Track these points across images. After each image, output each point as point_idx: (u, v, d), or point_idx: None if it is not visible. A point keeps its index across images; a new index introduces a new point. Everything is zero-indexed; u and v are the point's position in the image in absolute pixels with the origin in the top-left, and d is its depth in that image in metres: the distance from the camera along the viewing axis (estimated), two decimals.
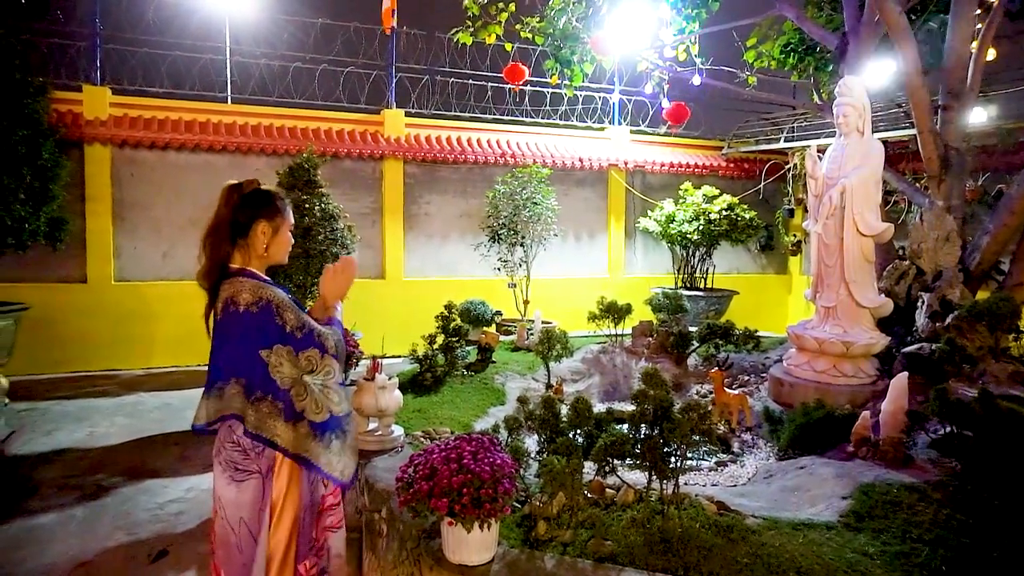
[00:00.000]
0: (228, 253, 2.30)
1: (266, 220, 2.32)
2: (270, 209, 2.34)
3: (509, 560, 2.45)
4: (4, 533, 3.83)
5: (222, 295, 2.24)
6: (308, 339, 2.25)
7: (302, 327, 2.25)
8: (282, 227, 2.37)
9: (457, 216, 10.02)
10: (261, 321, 2.19)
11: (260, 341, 2.19)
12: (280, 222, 2.36)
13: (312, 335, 2.26)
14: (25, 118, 6.23)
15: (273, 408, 2.20)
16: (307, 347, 2.24)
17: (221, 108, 8.92)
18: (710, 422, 2.54)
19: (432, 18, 9.66)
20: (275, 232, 2.34)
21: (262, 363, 2.19)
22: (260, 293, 2.23)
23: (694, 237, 9.63)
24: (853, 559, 2.57)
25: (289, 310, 2.25)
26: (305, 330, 2.25)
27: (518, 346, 6.42)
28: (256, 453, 2.23)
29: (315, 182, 6.19)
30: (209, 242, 2.29)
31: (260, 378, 2.19)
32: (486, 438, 2.51)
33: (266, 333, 2.19)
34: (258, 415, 2.18)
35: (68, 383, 7.32)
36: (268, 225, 2.32)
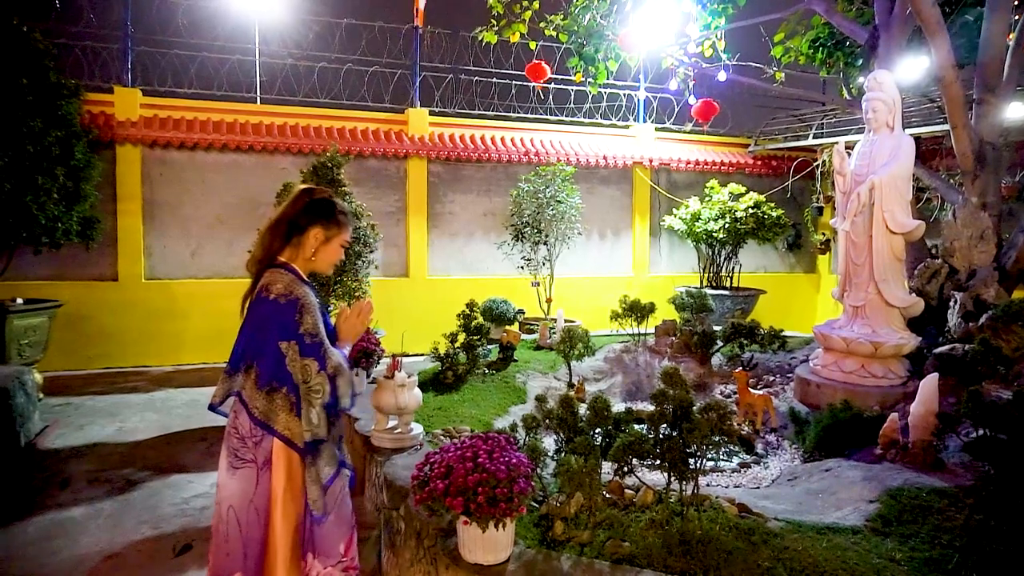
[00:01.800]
0: (280, 247, 2.38)
1: (322, 227, 2.39)
2: (330, 219, 2.41)
3: (525, 560, 2.43)
4: (37, 525, 3.91)
5: (262, 281, 2.32)
6: (314, 348, 2.25)
7: (314, 335, 2.26)
8: (335, 238, 2.43)
9: (481, 215, 10.02)
10: (285, 313, 2.24)
11: (280, 332, 2.24)
12: (335, 233, 2.43)
13: (319, 347, 2.26)
14: (59, 120, 6.36)
15: (286, 401, 2.25)
16: (309, 355, 2.24)
17: (249, 108, 9.03)
18: (731, 422, 2.49)
19: (457, 17, 9.68)
20: (327, 240, 2.41)
21: (280, 353, 2.23)
22: (292, 288, 2.28)
23: (719, 236, 9.52)
24: (879, 565, 2.51)
25: (310, 313, 2.27)
26: (316, 339, 2.26)
27: (540, 345, 6.40)
28: (253, 443, 2.26)
29: (338, 181, 6.22)
30: (267, 234, 2.39)
31: (275, 367, 2.24)
32: (502, 437, 2.50)
33: (286, 326, 2.24)
34: (270, 404, 2.24)
35: (100, 379, 7.46)
36: (323, 232, 2.39)
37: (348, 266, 6.19)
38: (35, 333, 6.50)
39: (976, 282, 5.13)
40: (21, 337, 6.28)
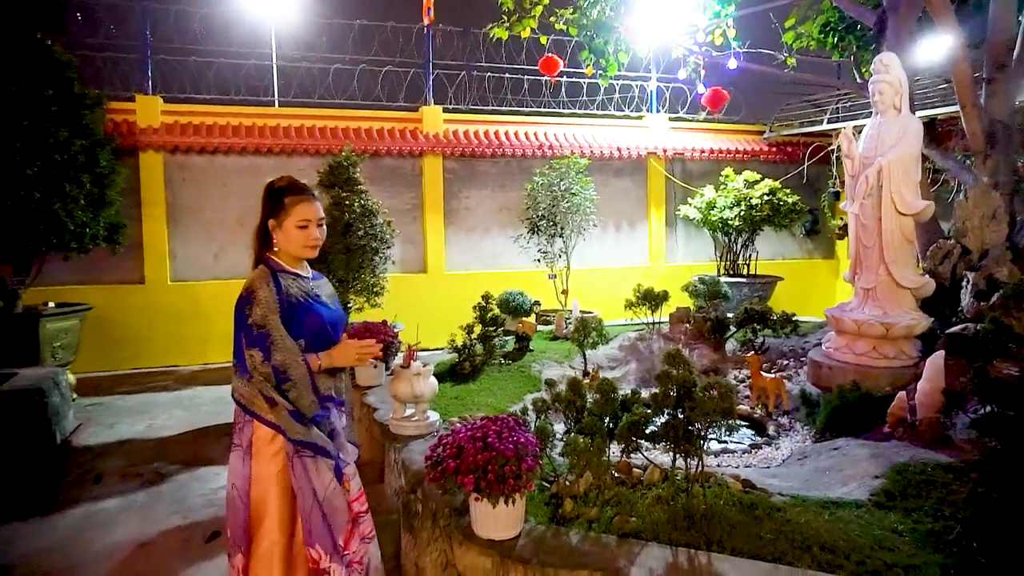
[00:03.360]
0: (260, 246, 2.47)
1: (273, 216, 2.42)
2: (274, 205, 2.42)
3: (535, 536, 2.54)
4: (73, 516, 4.10)
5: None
6: (258, 339, 2.26)
7: (261, 326, 2.27)
8: (285, 221, 2.40)
9: (496, 209, 10.12)
10: (241, 304, 2.32)
11: (238, 323, 2.32)
12: (284, 216, 2.40)
13: (265, 338, 2.26)
14: (83, 129, 6.56)
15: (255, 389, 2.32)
16: (254, 345, 2.26)
17: (266, 112, 9.21)
18: (731, 401, 2.57)
19: (467, 14, 9.77)
20: (279, 226, 2.41)
21: (240, 343, 2.32)
22: (253, 282, 2.34)
23: (735, 223, 9.53)
24: (881, 536, 2.57)
25: (259, 305, 2.29)
26: (262, 330, 2.27)
27: (556, 335, 6.50)
28: (239, 428, 2.39)
29: (354, 179, 6.35)
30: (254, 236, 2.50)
31: (240, 356, 2.32)
32: (511, 419, 2.60)
33: (240, 317, 2.31)
34: (250, 391, 2.32)
35: (129, 379, 7.69)
36: (274, 220, 2.42)
37: (366, 262, 6.32)
38: (67, 336, 6.73)
39: (988, 261, 5.12)
40: (54, 340, 6.50)
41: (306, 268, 2.54)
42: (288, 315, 2.33)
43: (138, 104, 8.44)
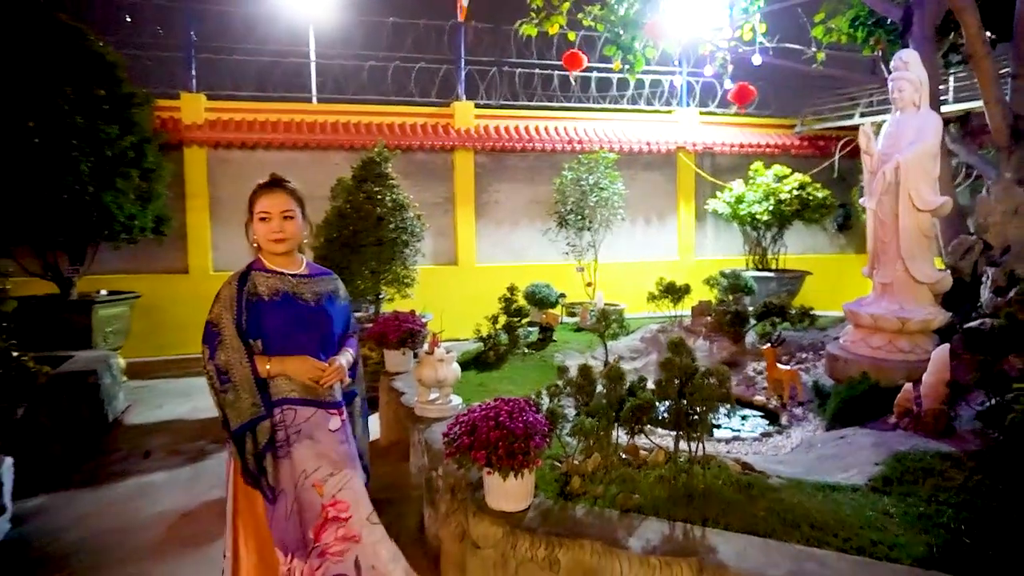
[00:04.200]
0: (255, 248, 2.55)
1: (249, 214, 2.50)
2: (249, 204, 2.49)
3: (543, 509, 2.74)
4: (124, 487, 4.44)
5: None
6: (209, 336, 2.35)
7: (214, 324, 2.36)
8: (253, 217, 2.46)
9: (526, 203, 10.31)
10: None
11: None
12: (251, 213, 2.47)
13: (214, 336, 2.34)
14: (132, 126, 6.93)
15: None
16: (203, 342, 2.36)
17: (303, 108, 9.54)
18: (729, 387, 2.74)
19: (499, 11, 9.94)
20: (251, 223, 2.49)
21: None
22: (225, 282, 2.45)
23: (763, 218, 9.58)
24: (872, 517, 2.71)
25: (218, 303, 2.39)
26: (214, 328, 2.35)
27: (580, 327, 6.67)
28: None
29: (386, 174, 6.60)
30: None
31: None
32: (522, 400, 2.80)
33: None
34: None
35: (174, 364, 8.09)
36: (248, 217, 2.50)
37: (396, 254, 6.58)
38: (117, 322, 7.13)
39: (1010, 257, 5.15)
40: (106, 325, 6.91)
41: (299, 265, 2.55)
42: (249, 314, 2.37)
43: (183, 101, 8.83)
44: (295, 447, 2.39)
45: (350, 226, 6.38)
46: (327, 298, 2.55)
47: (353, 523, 2.42)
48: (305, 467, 2.38)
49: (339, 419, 2.52)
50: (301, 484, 2.37)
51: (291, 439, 2.39)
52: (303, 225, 2.53)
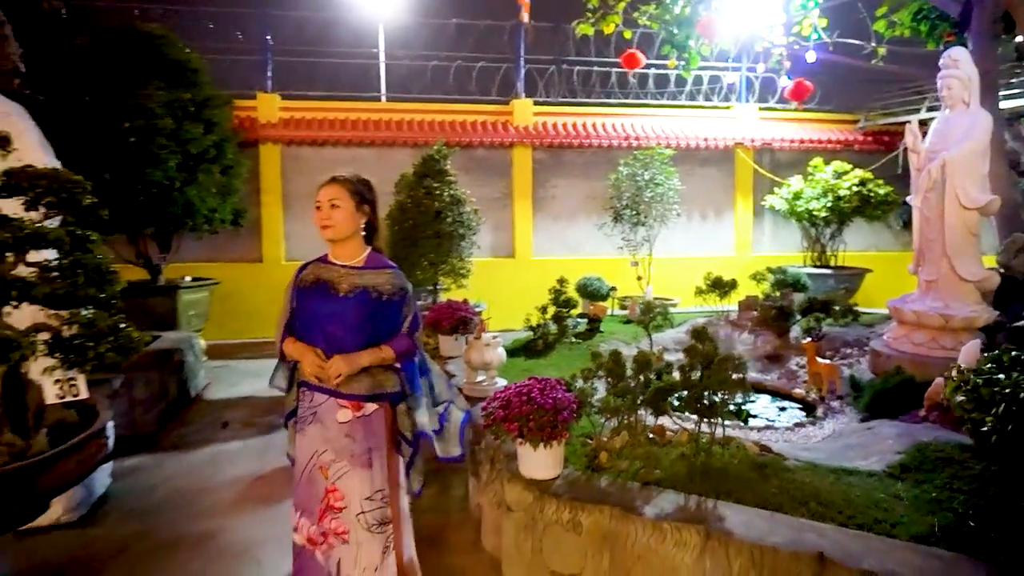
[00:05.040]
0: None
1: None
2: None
3: (571, 478, 3.02)
4: (205, 453, 4.95)
5: None
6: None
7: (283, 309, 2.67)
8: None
9: (582, 198, 10.52)
10: None
11: None
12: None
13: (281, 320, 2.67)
14: (214, 126, 7.50)
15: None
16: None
17: (370, 107, 10.03)
18: (744, 372, 2.94)
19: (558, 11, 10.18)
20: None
21: None
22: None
23: (821, 214, 9.51)
24: (881, 499, 2.86)
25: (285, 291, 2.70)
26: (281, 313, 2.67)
27: (629, 319, 6.87)
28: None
29: (445, 171, 6.96)
30: None
31: None
32: (554, 380, 3.08)
33: None
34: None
35: (248, 347, 8.69)
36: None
37: (454, 247, 6.93)
38: (199, 306, 7.75)
39: None
40: (189, 309, 7.52)
41: (357, 256, 2.64)
42: (296, 298, 2.62)
43: (259, 102, 9.42)
44: (310, 427, 2.54)
45: (410, 220, 6.77)
46: (362, 291, 2.52)
47: (345, 516, 2.48)
48: (316, 447, 2.52)
49: (350, 412, 2.51)
50: (313, 463, 2.52)
51: (307, 418, 2.56)
52: (357, 216, 2.58)
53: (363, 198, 2.62)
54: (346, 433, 2.50)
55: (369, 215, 2.65)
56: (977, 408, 2.27)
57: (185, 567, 3.34)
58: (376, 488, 2.51)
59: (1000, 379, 2.29)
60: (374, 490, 2.51)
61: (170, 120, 6.78)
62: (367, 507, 2.48)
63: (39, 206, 2.65)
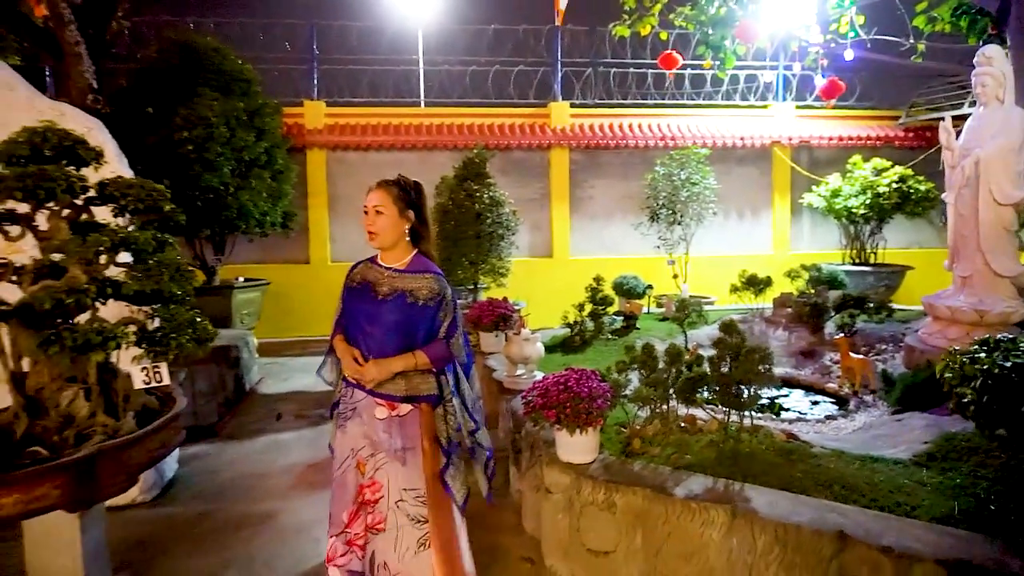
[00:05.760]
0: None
1: None
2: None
3: (606, 463, 3.21)
4: (261, 443, 5.28)
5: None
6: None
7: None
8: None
9: (619, 198, 10.66)
10: None
11: None
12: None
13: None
14: (264, 133, 7.87)
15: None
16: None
17: (411, 112, 10.34)
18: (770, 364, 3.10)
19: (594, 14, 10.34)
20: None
21: None
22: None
23: (860, 212, 9.50)
24: (904, 484, 2.99)
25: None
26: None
27: (665, 316, 7.02)
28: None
29: (484, 174, 7.21)
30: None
31: None
32: (589, 371, 3.28)
33: None
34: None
35: (297, 344, 9.07)
36: None
37: (493, 247, 7.17)
38: (252, 305, 8.14)
39: None
40: (242, 308, 7.91)
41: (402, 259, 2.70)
42: (343, 296, 2.77)
43: (306, 109, 9.81)
44: (349, 423, 2.63)
45: (451, 221, 7.03)
46: (400, 294, 2.59)
47: (381, 506, 2.53)
48: (354, 444, 2.60)
49: (386, 410, 2.59)
50: (350, 461, 2.60)
51: (347, 414, 2.65)
52: (401, 222, 2.64)
53: (408, 203, 2.66)
54: (383, 429, 2.56)
55: (414, 220, 2.69)
56: (961, 383, 2.48)
57: (249, 543, 3.63)
58: (409, 486, 2.55)
59: (980, 357, 2.49)
60: (406, 487, 2.54)
61: (225, 129, 7.15)
62: (407, 497, 2.53)
63: (126, 212, 2.95)
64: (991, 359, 2.44)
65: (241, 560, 3.43)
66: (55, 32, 5.71)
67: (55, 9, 5.63)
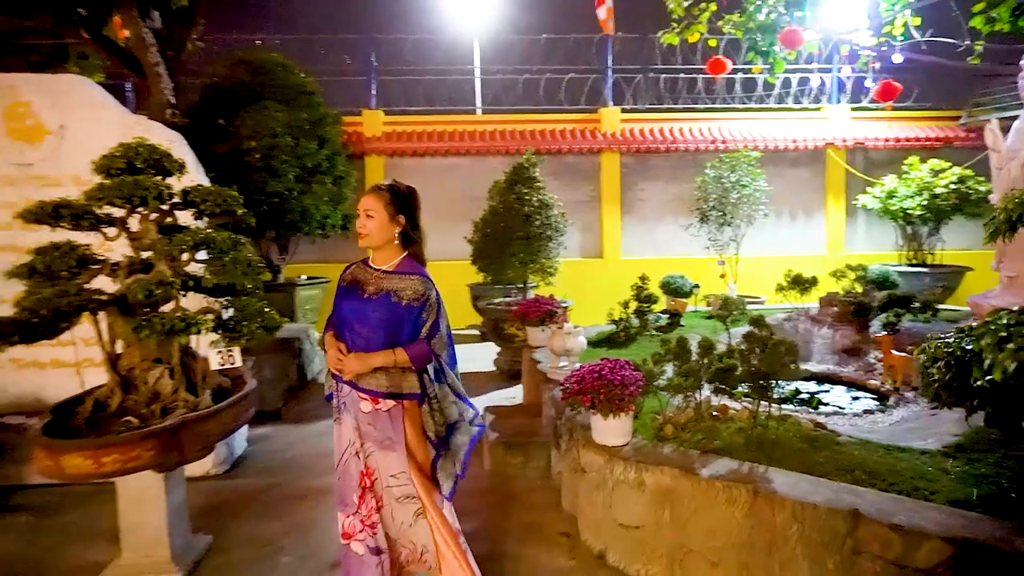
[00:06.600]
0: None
1: None
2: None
3: (638, 446, 3.42)
4: (320, 426, 5.68)
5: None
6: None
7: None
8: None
9: (669, 200, 10.78)
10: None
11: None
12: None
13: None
14: (326, 142, 8.33)
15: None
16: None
17: (465, 119, 10.71)
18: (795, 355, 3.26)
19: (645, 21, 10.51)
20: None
21: None
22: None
23: (916, 213, 9.37)
24: (926, 471, 3.09)
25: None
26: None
27: (711, 315, 7.14)
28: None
29: (534, 177, 7.46)
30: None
31: None
32: (623, 360, 3.49)
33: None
34: None
35: None
36: None
37: (542, 248, 7.41)
38: (313, 302, 8.61)
39: None
40: (304, 304, 8.38)
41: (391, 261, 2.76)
42: (336, 294, 2.83)
43: (364, 117, 10.27)
44: (344, 416, 2.73)
45: (502, 223, 7.31)
46: (385, 294, 2.66)
47: (377, 488, 2.66)
48: (350, 436, 2.69)
49: (370, 404, 2.66)
50: (349, 452, 2.68)
51: (340, 408, 2.76)
52: (391, 226, 2.72)
53: (398, 208, 2.73)
54: (368, 422, 2.65)
55: (404, 224, 2.75)
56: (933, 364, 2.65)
57: (309, 512, 3.99)
58: (400, 469, 2.65)
59: (950, 342, 2.66)
60: (397, 470, 2.65)
61: (289, 138, 7.62)
62: (393, 483, 2.65)
63: (204, 216, 3.34)
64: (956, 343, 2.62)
65: (301, 526, 3.79)
66: (137, 53, 6.24)
67: (137, 32, 6.15)
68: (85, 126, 4.51)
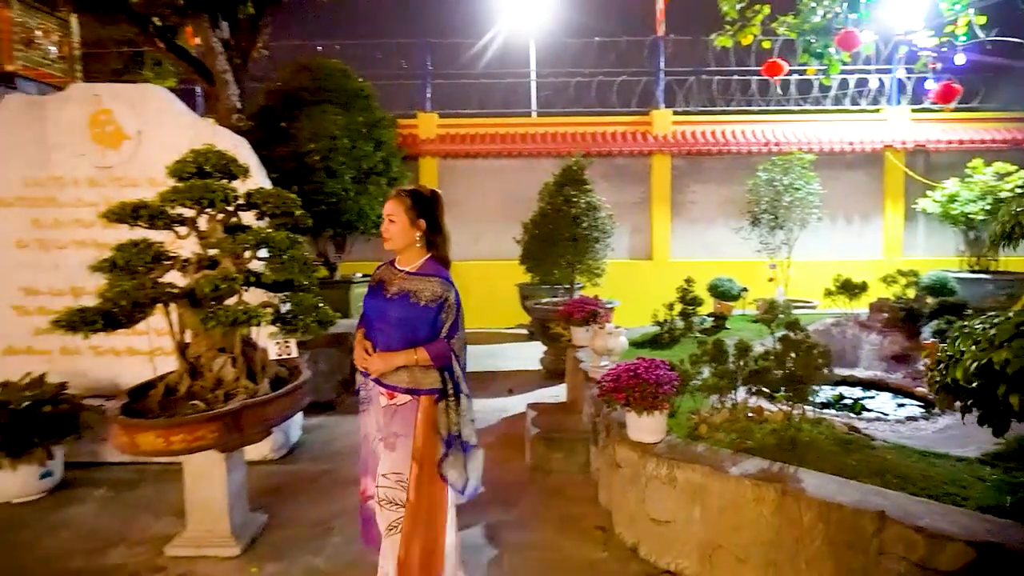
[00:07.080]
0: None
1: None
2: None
3: (672, 443, 3.52)
4: None
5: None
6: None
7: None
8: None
9: (721, 202, 10.73)
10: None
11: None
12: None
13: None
14: (382, 144, 8.61)
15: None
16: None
17: (517, 121, 10.90)
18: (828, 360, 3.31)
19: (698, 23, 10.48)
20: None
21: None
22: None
23: (979, 218, 9.10)
24: (960, 478, 3.10)
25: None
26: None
27: (757, 319, 7.12)
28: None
29: (582, 180, 7.58)
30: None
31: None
32: (659, 360, 3.60)
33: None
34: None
35: None
36: None
37: (589, 249, 7.53)
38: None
39: None
40: (358, 301, 8.64)
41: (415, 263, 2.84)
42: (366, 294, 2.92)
43: (419, 120, 10.56)
44: (370, 407, 2.89)
45: (550, 224, 7.46)
46: (405, 295, 2.73)
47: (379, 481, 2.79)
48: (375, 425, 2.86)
49: (387, 400, 2.76)
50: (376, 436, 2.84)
51: (366, 400, 2.91)
52: (411, 230, 2.80)
53: (419, 213, 2.81)
54: (383, 415, 2.77)
55: (425, 229, 2.83)
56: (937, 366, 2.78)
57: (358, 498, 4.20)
58: (392, 470, 2.71)
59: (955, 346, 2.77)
60: (390, 471, 2.72)
61: (347, 141, 7.92)
62: (382, 483, 2.73)
63: (265, 216, 3.59)
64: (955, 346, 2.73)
65: (351, 510, 3.98)
66: (207, 61, 6.63)
67: (207, 41, 6.55)
68: (160, 131, 4.86)
